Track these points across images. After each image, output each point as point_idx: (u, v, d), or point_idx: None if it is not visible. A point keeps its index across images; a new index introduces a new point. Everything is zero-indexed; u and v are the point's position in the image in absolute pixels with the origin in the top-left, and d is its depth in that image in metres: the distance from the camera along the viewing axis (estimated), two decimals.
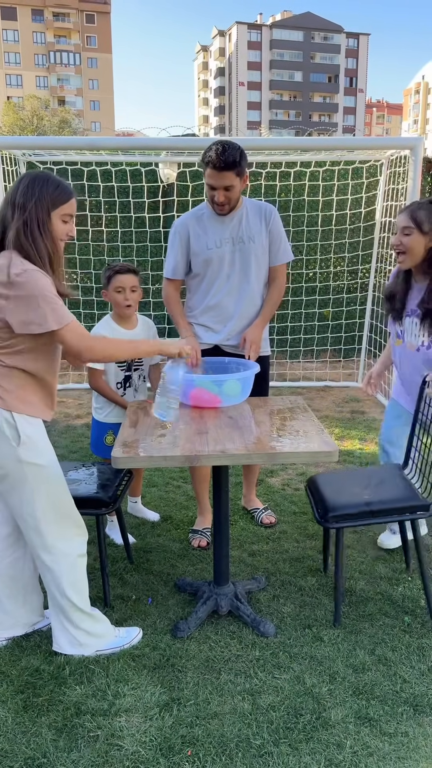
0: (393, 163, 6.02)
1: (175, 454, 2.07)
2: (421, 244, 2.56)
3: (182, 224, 2.96)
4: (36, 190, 2.01)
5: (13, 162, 5.96)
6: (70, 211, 2.08)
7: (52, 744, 1.89)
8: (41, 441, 2.11)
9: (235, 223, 2.91)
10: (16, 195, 2.01)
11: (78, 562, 2.21)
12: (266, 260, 2.99)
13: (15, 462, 2.05)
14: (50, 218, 2.03)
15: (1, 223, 2.04)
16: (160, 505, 3.61)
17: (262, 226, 2.93)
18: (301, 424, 2.40)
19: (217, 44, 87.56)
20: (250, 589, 2.67)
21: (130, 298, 2.92)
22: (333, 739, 1.91)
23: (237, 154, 2.71)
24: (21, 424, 2.04)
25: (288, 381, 6.48)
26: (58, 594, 2.18)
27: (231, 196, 2.80)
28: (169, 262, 3.02)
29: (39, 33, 70.36)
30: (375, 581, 2.78)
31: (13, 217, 1.99)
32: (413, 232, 2.54)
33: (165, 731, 1.94)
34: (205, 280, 2.97)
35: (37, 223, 1.99)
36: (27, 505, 2.10)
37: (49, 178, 2.05)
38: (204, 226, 2.93)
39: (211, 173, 2.73)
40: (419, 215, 2.53)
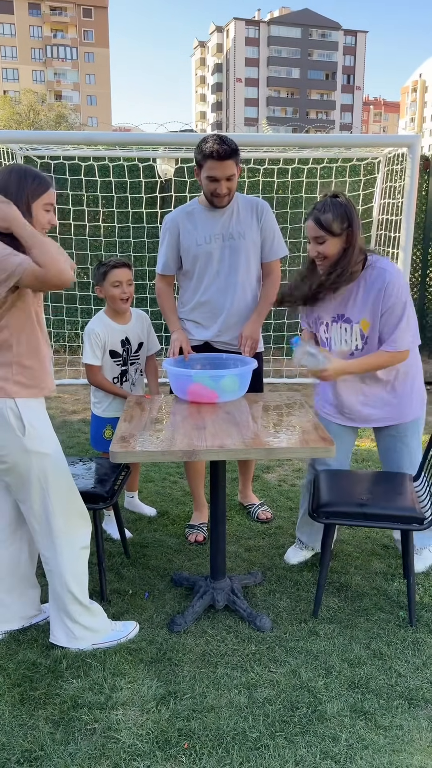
0: (390, 161, 6.03)
1: (173, 449, 2.08)
2: (337, 245, 2.45)
3: (172, 220, 2.96)
4: (14, 184, 2.00)
5: (10, 156, 5.94)
6: (50, 201, 2.09)
7: (49, 737, 1.90)
8: (45, 429, 2.12)
9: (226, 219, 2.91)
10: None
11: (81, 553, 2.22)
12: (258, 256, 2.99)
13: (21, 452, 2.05)
14: (31, 210, 2.02)
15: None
16: (157, 500, 3.61)
17: (253, 222, 2.93)
18: (298, 419, 2.41)
19: (215, 40, 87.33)
20: (246, 584, 2.68)
21: (127, 291, 2.92)
22: (329, 732, 1.93)
23: (234, 144, 2.74)
24: (25, 412, 2.05)
25: (284, 377, 6.50)
26: (59, 585, 2.19)
27: (232, 186, 2.80)
28: (160, 258, 3.03)
29: (36, 27, 70.03)
30: (370, 576, 2.80)
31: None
32: (326, 239, 2.44)
33: (162, 724, 1.95)
34: (195, 276, 2.97)
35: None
36: (35, 495, 2.11)
37: (26, 170, 2.05)
38: (194, 222, 2.93)
39: (213, 164, 2.73)
40: (325, 219, 2.41)
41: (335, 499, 2.45)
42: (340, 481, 2.61)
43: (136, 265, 7.19)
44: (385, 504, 2.41)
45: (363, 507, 2.40)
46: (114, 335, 2.96)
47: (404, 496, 2.47)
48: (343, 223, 2.42)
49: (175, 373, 2.58)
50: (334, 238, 2.44)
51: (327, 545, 2.48)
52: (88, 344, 2.93)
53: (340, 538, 3.15)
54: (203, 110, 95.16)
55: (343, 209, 2.42)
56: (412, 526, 2.38)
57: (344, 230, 2.43)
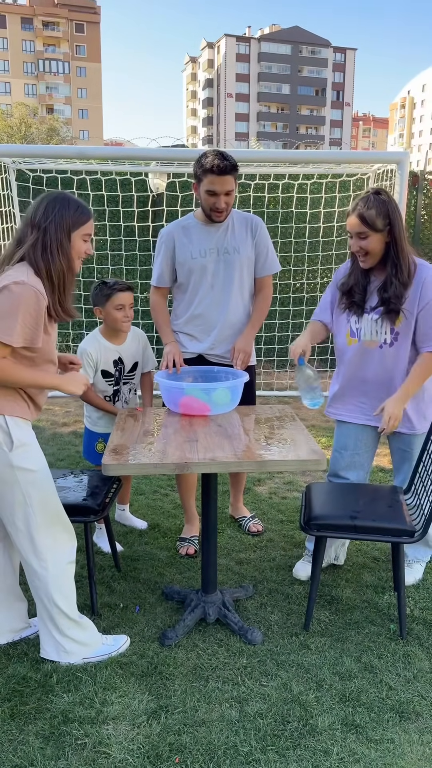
0: (380, 177, 6.11)
1: (165, 461, 2.09)
2: (380, 241, 2.51)
3: (168, 233, 2.99)
4: (56, 210, 2.05)
5: (3, 169, 5.97)
6: (89, 231, 2.14)
7: (40, 752, 1.89)
8: (32, 446, 2.11)
9: (221, 234, 2.95)
10: (36, 214, 2.05)
11: (67, 568, 2.21)
12: (251, 271, 3.02)
13: (6, 467, 2.05)
14: (70, 239, 2.08)
15: (17, 240, 2.08)
16: (148, 513, 3.61)
17: (248, 238, 2.97)
18: (289, 432, 2.43)
19: (206, 56, 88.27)
20: (237, 597, 2.68)
21: (129, 315, 2.93)
22: (320, 746, 1.93)
23: (233, 160, 2.78)
24: (13, 429, 2.05)
25: (275, 390, 6.52)
26: (46, 600, 2.18)
27: (230, 201, 2.84)
28: (155, 270, 3.06)
29: (28, 41, 70.52)
30: (361, 589, 2.81)
31: (32, 236, 2.04)
32: (369, 234, 2.50)
33: (153, 739, 1.94)
34: (189, 289, 3.00)
35: (56, 243, 2.04)
36: (18, 511, 2.10)
37: (69, 199, 2.10)
38: (190, 236, 2.96)
39: (213, 179, 2.76)
40: (369, 216, 2.47)
41: (326, 512, 2.46)
42: (331, 493, 2.63)
43: (128, 278, 7.22)
44: (376, 517, 2.42)
45: (354, 519, 2.41)
46: (107, 355, 2.97)
47: (395, 508, 2.49)
48: (385, 219, 2.47)
49: (167, 385, 2.59)
50: (376, 234, 2.49)
51: (318, 558, 2.49)
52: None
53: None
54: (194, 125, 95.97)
55: (385, 206, 2.48)
56: (402, 539, 2.39)
57: (386, 226, 2.48)
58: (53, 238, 2.04)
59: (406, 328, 2.58)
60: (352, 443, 2.79)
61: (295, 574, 2.92)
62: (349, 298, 2.67)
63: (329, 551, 2.93)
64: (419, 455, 2.65)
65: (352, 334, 2.70)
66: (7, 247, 2.12)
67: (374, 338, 2.63)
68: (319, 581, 2.74)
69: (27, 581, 2.24)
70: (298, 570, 2.92)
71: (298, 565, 2.95)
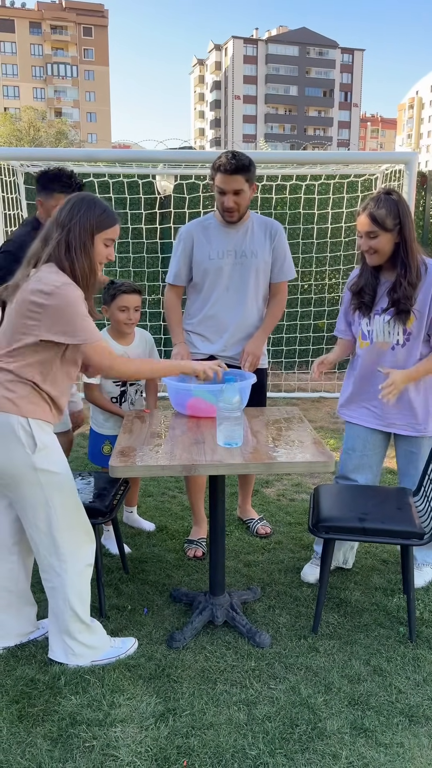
0: (388, 177, 6.09)
1: (172, 463, 2.08)
2: (389, 241, 2.52)
3: (187, 232, 3.00)
4: (81, 211, 2.06)
5: (11, 173, 6.00)
6: (113, 236, 2.14)
7: (48, 754, 1.88)
8: (55, 448, 2.12)
9: (240, 236, 2.95)
10: (62, 214, 2.07)
11: (85, 571, 2.21)
12: (267, 276, 3.02)
13: (30, 469, 2.05)
14: (93, 241, 2.08)
15: (43, 240, 2.09)
16: (156, 515, 3.61)
17: (266, 242, 2.97)
18: (297, 434, 2.42)
19: (214, 58, 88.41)
20: (245, 600, 2.67)
21: (133, 317, 2.93)
22: (329, 749, 1.91)
23: (247, 161, 2.79)
24: (36, 431, 2.06)
25: (283, 392, 6.51)
26: (62, 602, 2.18)
27: (240, 201, 2.84)
28: (171, 268, 3.06)
29: (36, 45, 70.93)
30: (370, 592, 2.79)
31: (57, 235, 2.05)
32: (379, 234, 2.50)
33: (160, 741, 1.93)
34: (204, 289, 3.00)
35: (80, 243, 2.05)
36: (41, 512, 2.10)
37: (95, 201, 2.11)
38: (209, 236, 2.97)
39: (221, 177, 2.79)
40: (379, 215, 2.48)
41: (335, 514, 2.45)
42: (339, 495, 2.61)
43: (135, 280, 7.23)
44: (385, 519, 2.41)
45: (363, 522, 2.40)
46: None
47: (404, 511, 2.48)
48: (395, 219, 2.48)
49: (175, 387, 2.59)
50: (386, 233, 2.50)
51: (326, 560, 2.47)
52: None
53: None
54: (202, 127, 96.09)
55: (396, 206, 2.49)
56: (411, 542, 2.37)
57: (396, 226, 2.49)
58: (77, 237, 2.05)
59: (417, 328, 2.58)
60: (360, 445, 2.79)
61: (303, 578, 2.90)
62: (358, 298, 2.67)
63: (338, 554, 2.92)
64: (428, 458, 2.64)
65: (364, 337, 2.70)
66: (33, 247, 2.13)
67: (386, 339, 2.64)
68: (328, 584, 2.72)
69: (42, 583, 2.24)
70: (306, 573, 2.91)
71: (306, 568, 2.94)
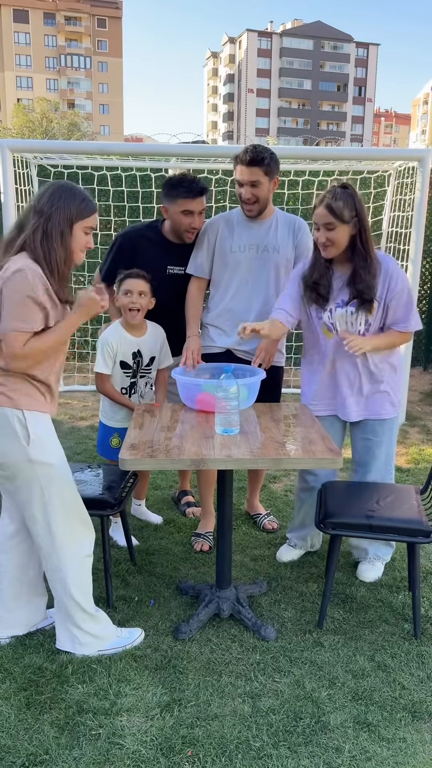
0: (401, 174, 6.06)
1: (181, 457, 2.10)
2: (346, 233, 2.57)
3: (212, 224, 3.03)
4: (61, 200, 2.06)
5: (24, 165, 6.01)
6: (92, 224, 2.14)
7: (54, 741, 1.92)
8: (51, 440, 2.14)
9: (263, 231, 2.96)
10: (40, 202, 2.06)
11: (84, 562, 2.23)
12: (288, 272, 3.01)
13: (25, 461, 2.08)
14: (71, 229, 2.08)
15: (18, 226, 2.09)
16: (164, 508, 3.63)
17: (289, 238, 2.98)
18: (306, 430, 2.43)
19: (228, 51, 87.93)
20: (251, 594, 2.69)
21: (137, 301, 2.92)
22: (332, 743, 1.93)
23: (267, 154, 2.80)
24: (31, 423, 2.08)
25: (292, 388, 6.51)
26: (63, 593, 2.21)
27: (258, 194, 2.84)
28: (193, 259, 3.07)
29: (50, 36, 70.81)
30: (375, 588, 2.80)
31: (34, 222, 2.05)
32: (336, 225, 2.54)
33: (166, 731, 1.96)
34: (223, 282, 3.02)
35: (58, 231, 2.05)
36: (37, 505, 2.13)
37: (74, 189, 2.10)
38: (232, 229, 2.98)
39: (239, 169, 2.82)
40: (337, 207, 2.52)
41: (342, 511, 2.46)
42: (346, 492, 2.63)
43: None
44: (392, 516, 2.42)
45: (370, 519, 2.41)
46: (126, 347, 2.98)
47: (411, 508, 2.48)
48: (352, 211, 2.55)
49: (184, 382, 2.60)
50: (343, 225, 2.55)
51: (333, 556, 2.49)
52: (100, 353, 2.95)
53: (340, 550, 3.15)
54: (215, 120, 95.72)
55: (352, 198, 2.57)
56: (418, 539, 2.38)
57: (353, 218, 2.55)
58: (55, 225, 2.04)
59: (375, 317, 2.67)
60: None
61: (278, 558, 3.04)
62: (315, 291, 2.70)
63: (307, 540, 3.06)
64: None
65: (329, 329, 2.75)
66: (7, 233, 2.13)
67: (350, 329, 2.70)
68: (334, 579, 2.74)
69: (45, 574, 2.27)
70: (282, 553, 3.06)
71: (282, 549, 3.09)
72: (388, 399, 2.79)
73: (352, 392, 2.78)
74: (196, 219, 2.96)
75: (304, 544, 3.06)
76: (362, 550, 2.96)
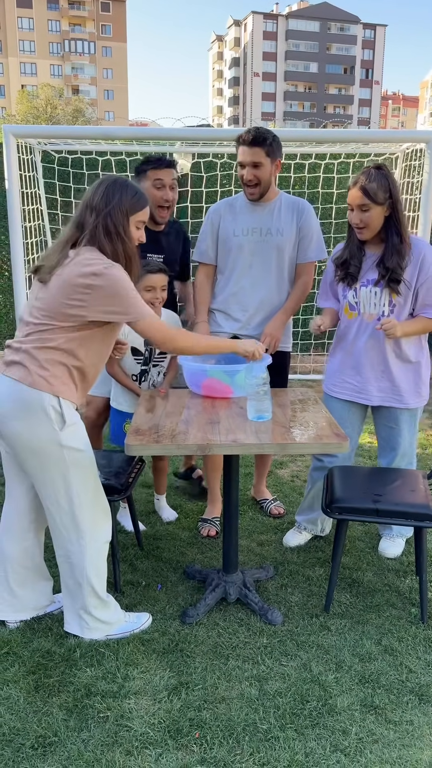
0: (408, 156, 5.99)
1: (187, 442, 2.10)
2: (380, 214, 2.57)
3: (215, 210, 3.02)
4: (116, 195, 2.08)
5: (28, 150, 5.98)
6: (144, 218, 2.16)
7: (63, 723, 1.93)
8: (80, 426, 2.16)
9: (266, 214, 2.94)
10: (95, 198, 2.08)
11: (103, 548, 2.25)
12: (293, 256, 2.99)
13: (56, 446, 2.09)
14: (129, 223, 2.10)
15: (78, 225, 2.11)
16: (170, 493, 3.64)
17: (293, 221, 2.95)
18: (312, 415, 2.42)
19: (233, 34, 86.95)
20: (258, 578, 2.70)
21: (159, 296, 2.90)
22: (339, 725, 1.94)
23: (269, 135, 2.78)
24: (66, 410, 2.10)
25: (298, 374, 6.49)
26: (81, 577, 2.22)
27: (260, 175, 2.82)
28: (198, 246, 3.06)
29: (54, 21, 70.16)
30: (382, 573, 2.80)
31: (93, 219, 2.07)
32: (371, 207, 2.55)
33: (173, 714, 1.97)
34: (227, 266, 3.01)
35: (117, 226, 2.07)
36: (62, 489, 2.14)
37: (128, 184, 2.12)
38: (235, 214, 2.97)
39: (241, 150, 2.80)
40: (371, 188, 2.53)
41: (348, 495, 2.45)
42: (353, 477, 2.62)
43: None
44: (399, 501, 2.41)
45: (376, 503, 2.40)
46: None
47: (417, 493, 2.48)
48: (386, 192, 2.54)
49: (190, 367, 2.59)
50: (377, 207, 2.55)
51: (340, 541, 2.49)
52: None
53: (346, 534, 3.15)
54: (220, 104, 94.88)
55: (386, 180, 2.55)
56: (425, 524, 2.38)
57: (387, 200, 2.55)
58: (115, 221, 2.07)
59: (403, 301, 2.64)
60: (337, 417, 2.86)
61: (285, 543, 3.03)
62: (344, 269, 2.72)
63: (317, 523, 3.05)
64: None
65: (352, 308, 2.75)
66: (66, 230, 2.14)
67: (373, 311, 2.69)
68: (340, 564, 2.74)
69: (55, 558, 2.28)
70: (288, 539, 3.05)
71: (288, 534, 3.08)
72: (415, 387, 2.75)
73: (374, 375, 2.76)
74: (168, 192, 2.96)
75: (314, 527, 3.06)
76: (387, 526, 2.99)
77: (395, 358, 2.72)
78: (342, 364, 2.84)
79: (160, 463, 3.34)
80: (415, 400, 2.76)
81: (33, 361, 2.07)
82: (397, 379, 2.73)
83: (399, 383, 2.74)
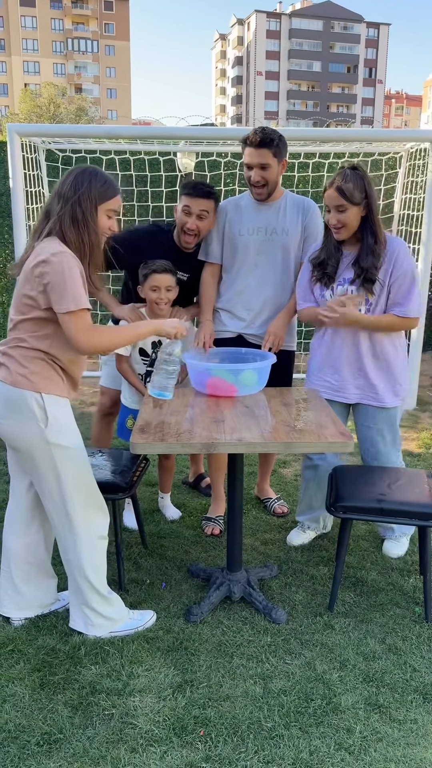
0: (412, 156, 5.98)
1: (192, 441, 2.10)
2: (357, 214, 2.59)
3: (221, 209, 3.01)
4: (84, 183, 2.06)
5: (32, 149, 5.99)
6: (115, 207, 2.14)
7: (68, 721, 1.94)
8: (68, 423, 2.16)
9: (272, 213, 2.94)
10: (63, 187, 2.07)
11: (99, 544, 2.25)
12: (298, 255, 2.99)
13: (43, 443, 2.09)
14: (96, 212, 2.08)
15: (46, 213, 2.10)
16: (174, 492, 3.64)
17: (298, 220, 2.95)
18: (316, 414, 2.42)
19: (236, 33, 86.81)
20: (262, 577, 2.70)
21: (164, 297, 2.89)
22: (343, 723, 1.95)
23: (276, 136, 2.78)
24: (49, 405, 2.10)
25: (302, 373, 6.49)
26: (78, 575, 2.23)
27: (267, 176, 2.82)
28: (203, 245, 3.06)
29: (57, 20, 70.11)
30: (386, 572, 2.81)
31: (60, 208, 2.05)
32: (347, 207, 2.56)
33: (178, 711, 1.98)
34: (233, 266, 3.01)
35: (85, 213, 2.05)
36: (54, 486, 2.15)
37: (97, 172, 2.10)
38: (240, 213, 2.97)
39: (248, 151, 2.79)
40: (347, 188, 2.54)
41: (353, 494, 2.46)
42: (357, 476, 2.62)
43: None
44: (403, 500, 2.42)
45: (380, 503, 2.41)
46: None
47: (421, 492, 2.48)
48: (362, 192, 2.57)
49: (195, 366, 2.60)
50: (354, 207, 2.57)
51: (344, 540, 2.49)
52: None
53: (350, 533, 3.15)
54: (223, 103, 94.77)
55: (362, 180, 2.58)
56: (429, 523, 2.38)
57: (363, 200, 2.57)
58: (82, 209, 2.05)
59: (377, 299, 2.66)
60: None
61: (289, 542, 3.04)
62: (321, 269, 2.73)
63: (319, 521, 3.06)
64: None
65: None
66: (36, 222, 2.14)
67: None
68: (344, 563, 2.74)
69: (60, 555, 2.29)
70: (292, 538, 3.05)
71: (292, 533, 3.08)
72: (390, 387, 2.77)
73: (352, 373, 2.77)
74: (192, 220, 2.89)
75: (317, 525, 3.07)
76: (389, 528, 2.97)
77: (371, 357, 2.74)
78: (321, 363, 2.85)
79: (167, 462, 3.34)
80: (391, 400, 2.77)
81: (12, 360, 2.09)
82: (372, 378, 2.75)
83: (374, 382, 2.75)
